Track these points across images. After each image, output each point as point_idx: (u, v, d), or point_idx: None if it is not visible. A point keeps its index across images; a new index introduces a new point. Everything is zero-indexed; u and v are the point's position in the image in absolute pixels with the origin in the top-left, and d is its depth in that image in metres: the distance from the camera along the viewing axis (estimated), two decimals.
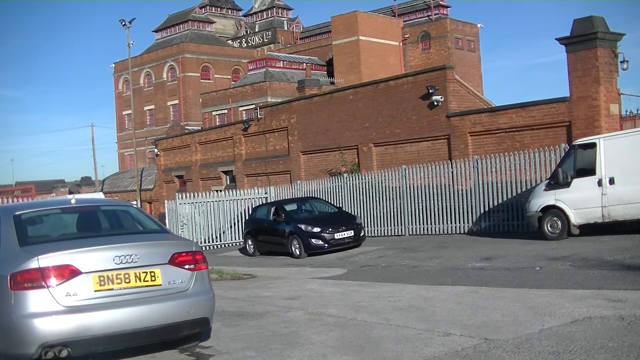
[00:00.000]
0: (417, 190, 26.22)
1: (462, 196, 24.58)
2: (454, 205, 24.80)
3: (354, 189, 28.92)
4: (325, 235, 23.25)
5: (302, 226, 23.75)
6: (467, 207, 24.49)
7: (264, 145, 39.57)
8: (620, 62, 23.87)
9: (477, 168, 24.18)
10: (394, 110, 31.00)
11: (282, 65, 72.70)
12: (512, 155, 23.42)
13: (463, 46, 74.05)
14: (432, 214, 25.77)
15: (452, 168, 25.30)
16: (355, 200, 28.90)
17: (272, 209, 25.89)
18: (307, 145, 36.15)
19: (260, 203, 31.12)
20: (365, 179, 28.71)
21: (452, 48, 72.40)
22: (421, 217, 26.12)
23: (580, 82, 23.69)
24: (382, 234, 27.50)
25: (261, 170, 39.64)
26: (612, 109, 23.62)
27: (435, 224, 25.67)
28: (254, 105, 51.90)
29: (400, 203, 26.88)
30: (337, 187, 29.85)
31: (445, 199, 25.23)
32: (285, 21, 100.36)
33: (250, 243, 26.99)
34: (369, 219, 28.06)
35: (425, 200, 25.79)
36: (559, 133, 24.39)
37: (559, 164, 19.82)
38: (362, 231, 24.38)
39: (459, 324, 9.19)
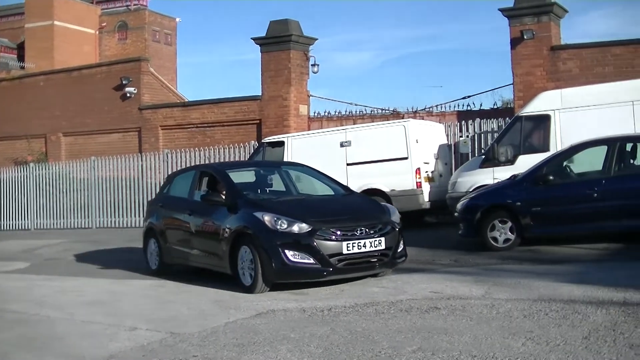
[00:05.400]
0: (106, 182, 25.71)
1: (152, 189, 24.43)
2: (144, 198, 24.58)
3: (41, 179, 27.65)
4: (322, 243, 10.05)
5: (267, 218, 10.35)
6: None
7: None
8: (312, 65, 24.98)
9: (167, 162, 24.27)
10: (86, 99, 30.12)
11: None
12: (202, 150, 23.80)
13: (160, 39, 73.60)
14: (121, 206, 25.38)
15: (141, 161, 25.21)
16: (42, 191, 27.63)
17: (205, 179, 12.48)
18: None
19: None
20: (52, 169, 27.64)
21: (149, 40, 71.68)
22: (109, 210, 25.64)
23: (272, 81, 24.49)
24: (69, 227, 26.54)
25: None
26: (302, 109, 24.67)
27: (124, 217, 25.30)
28: None
29: (88, 195, 26.15)
30: (22, 177, 28.29)
31: (135, 192, 24.99)
32: None
33: (152, 249, 13.55)
34: (55, 211, 27.07)
35: (114, 192, 25.37)
36: (250, 130, 25.04)
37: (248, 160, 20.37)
38: (401, 239, 10.98)
39: (145, 318, 9.10)
